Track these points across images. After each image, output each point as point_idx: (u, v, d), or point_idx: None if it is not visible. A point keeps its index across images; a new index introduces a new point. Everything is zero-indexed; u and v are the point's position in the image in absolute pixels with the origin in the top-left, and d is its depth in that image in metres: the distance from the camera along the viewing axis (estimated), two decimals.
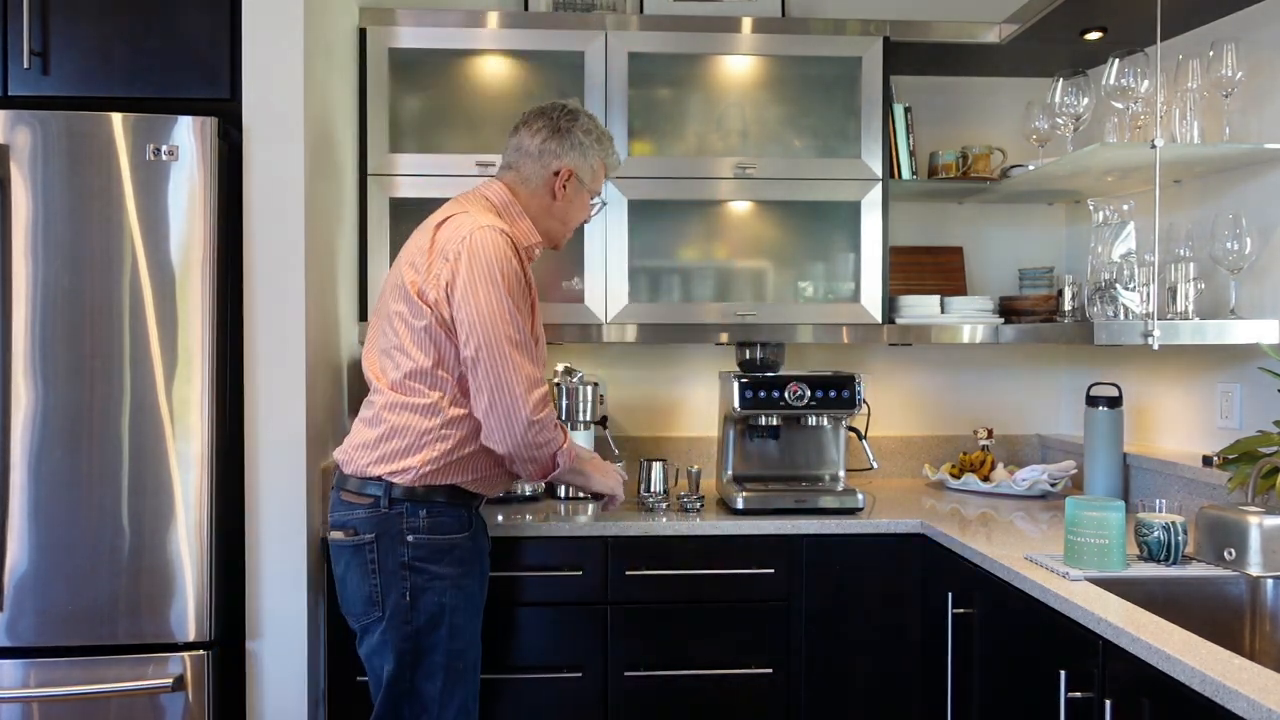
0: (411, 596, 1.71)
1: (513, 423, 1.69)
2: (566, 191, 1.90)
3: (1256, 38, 2.16)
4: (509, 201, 1.88)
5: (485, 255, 1.70)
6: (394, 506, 1.72)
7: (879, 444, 2.86)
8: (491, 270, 1.69)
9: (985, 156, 2.69)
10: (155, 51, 2.02)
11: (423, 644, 1.72)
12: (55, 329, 1.90)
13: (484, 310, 1.68)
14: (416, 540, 1.72)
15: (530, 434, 1.71)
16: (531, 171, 1.89)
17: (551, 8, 2.75)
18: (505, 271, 1.70)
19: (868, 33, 2.53)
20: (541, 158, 1.88)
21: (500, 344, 1.69)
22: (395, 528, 1.72)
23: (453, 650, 1.74)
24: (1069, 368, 2.95)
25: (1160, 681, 1.34)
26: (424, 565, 1.72)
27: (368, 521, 1.73)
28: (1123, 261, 2.15)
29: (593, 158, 1.92)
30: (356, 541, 1.74)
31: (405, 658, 1.71)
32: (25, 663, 1.90)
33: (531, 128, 1.90)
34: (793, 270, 2.77)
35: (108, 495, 1.92)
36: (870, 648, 2.24)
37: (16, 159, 1.89)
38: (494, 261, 1.70)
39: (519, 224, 1.87)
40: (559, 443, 1.77)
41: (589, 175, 1.93)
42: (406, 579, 1.71)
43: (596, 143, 1.92)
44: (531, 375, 1.71)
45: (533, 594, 2.17)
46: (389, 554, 1.72)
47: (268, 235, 2.02)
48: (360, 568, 1.73)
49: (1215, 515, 1.80)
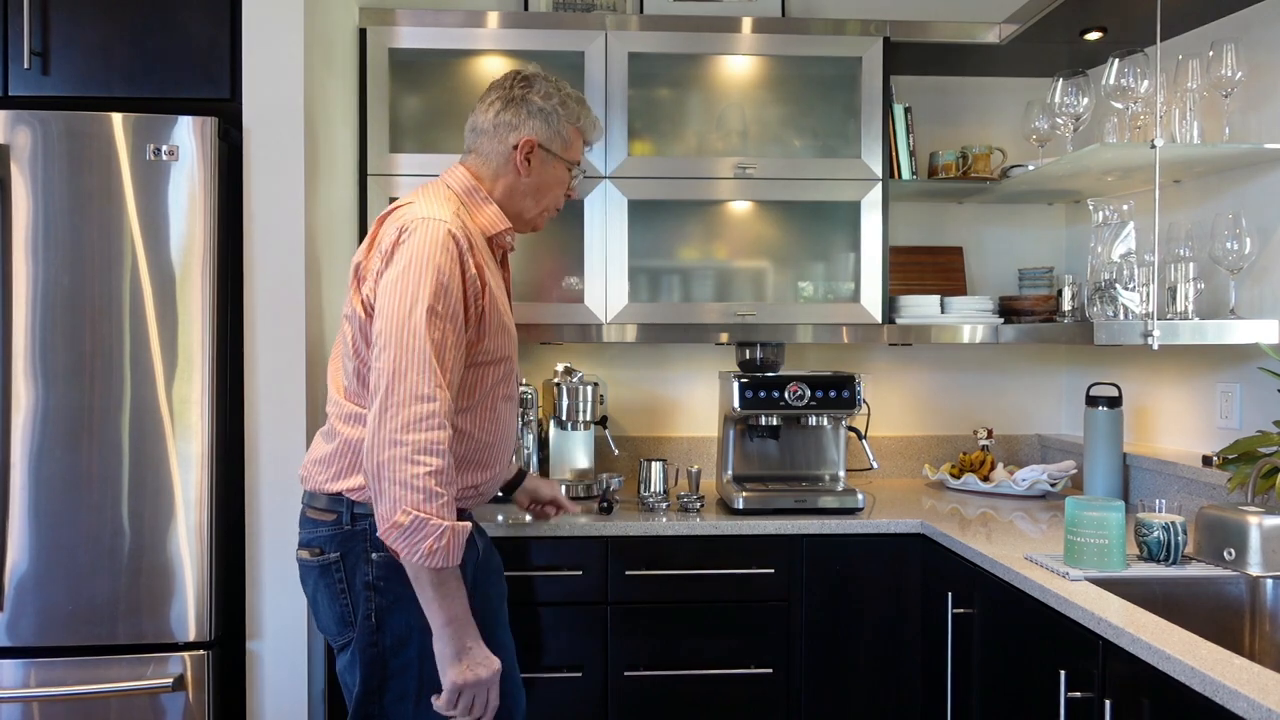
0: (377, 618, 1.57)
1: (384, 431, 1.43)
2: (531, 165, 1.69)
3: (1256, 38, 2.16)
4: (472, 187, 1.69)
5: (412, 248, 1.50)
6: (357, 523, 1.58)
7: (879, 444, 2.86)
8: (412, 264, 1.49)
9: (985, 156, 2.69)
10: (155, 51, 2.02)
11: (391, 666, 1.58)
12: (55, 329, 1.90)
13: (392, 305, 1.47)
14: (380, 558, 1.56)
15: (398, 451, 1.42)
16: (490, 149, 1.70)
17: (551, 8, 2.75)
18: (429, 266, 1.49)
19: (868, 33, 2.53)
20: (497, 132, 1.69)
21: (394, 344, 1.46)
22: (359, 545, 1.58)
23: (425, 674, 1.56)
24: (1069, 368, 2.95)
25: (1160, 681, 1.34)
26: (388, 585, 1.56)
27: (332, 540, 1.60)
28: (1123, 261, 2.15)
29: (559, 124, 1.71)
30: (323, 561, 1.60)
31: (373, 681, 1.58)
32: (25, 663, 1.90)
33: (485, 101, 1.72)
34: (792, 270, 2.77)
35: (108, 495, 1.92)
36: (870, 647, 2.24)
37: (16, 159, 1.89)
38: (419, 255, 1.49)
39: (483, 211, 1.68)
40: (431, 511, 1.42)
41: (559, 144, 1.72)
42: (372, 599, 1.57)
43: (560, 106, 1.71)
44: (423, 391, 1.44)
45: (533, 594, 2.18)
46: (355, 573, 1.58)
47: (268, 235, 2.02)
48: (329, 588, 1.60)
49: (1215, 515, 1.80)
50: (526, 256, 2.69)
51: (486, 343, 1.61)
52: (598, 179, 2.49)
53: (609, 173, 2.49)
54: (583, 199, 2.49)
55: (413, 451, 1.42)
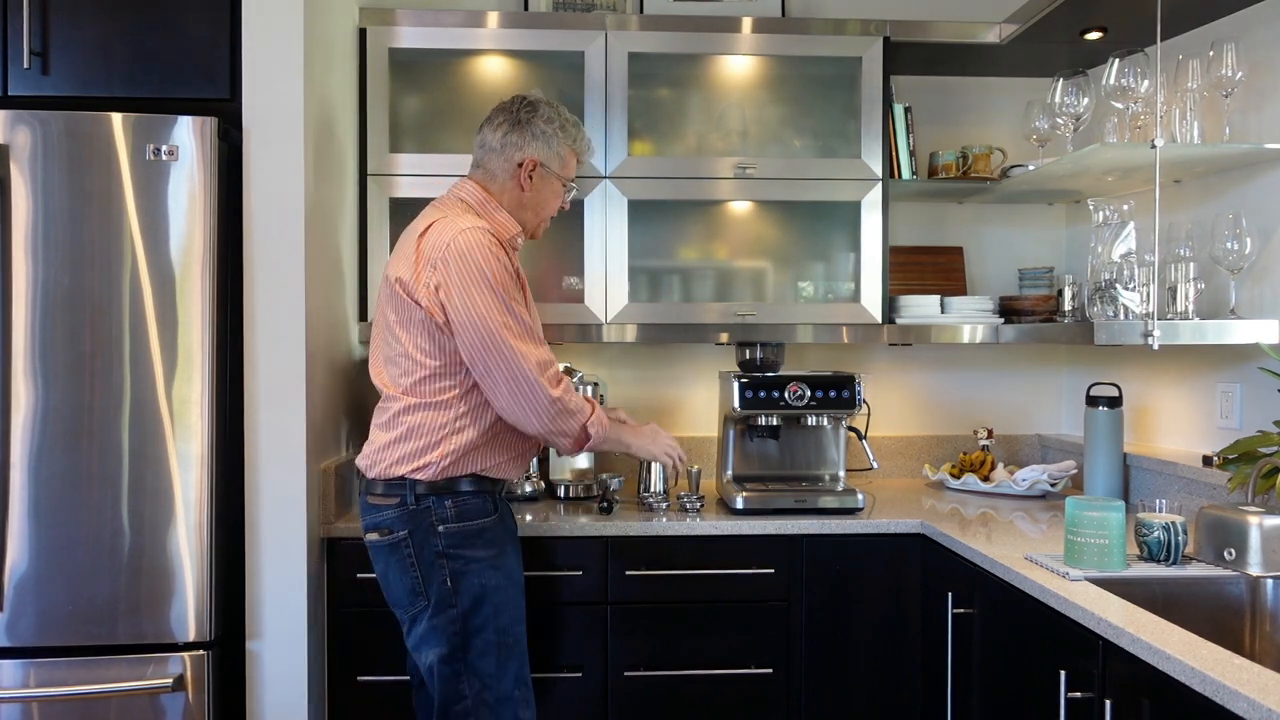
0: (453, 582, 1.78)
1: (537, 408, 1.77)
2: (533, 181, 1.93)
3: (1256, 38, 2.16)
4: (483, 199, 1.91)
5: (472, 256, 1.75)
6: (420, 502, 1.79)
7: (879, 444, 2.86)
8: (481, 269, 1.75)
9: (985, 156, 2.69)
10: (155, 51, 2.02)
11: (471, 624, 1.79)
12: (55, 329, 1.90)
13: (479, 310, 1.74)
14: (447, 529, 1.79)
15: (555, 411, 1.79)
16: (497, 166, 1.93)
17: (551, 8, 2.75)
18: (494, 268, 1.76)
19: (868, 33, 2.53)
20: (504, 151, 1.92)
21: (500, 339, 1.75)
22: (425, 521, 1.79)
23: (500, 626, 1.81)
24: (1069, 368, 2.95)
25: (1160, 681, 1.34)
26: (458, 551, 1.79)
27: (399, 519, 1.80)
28: (1123, 261, 2.15)
29: (558, 145, 1.94)
30: (392, 540, 1.80)
31: (456, 639, 1.78)
32: (25, 663, 1.90)
33: (493, 123, 1.94)
34: (792, 270, 2.77)
35: (108, 495, 1.92)
36: (870, 648, 2.24)
37: (16, 159, 1.89)
38: (481, 261, 1.75)
39: (497, 218, 1.91)
40: (586, 413, 1.85)
41: (557, 163, 1.95)
42: (445, 566, 1.78)
43: (560, 130, 1.94)
44: (540, 359, 1.79)
45: (533, 594, 2.17)
46: (424, 546, 1.79)
47: (268, 235, 2.02)
48: (400, 563, 1.80)
49: (1215, 515, 1.80)
50: (527, 256, 2.68)
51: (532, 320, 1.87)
52: (598, 179, 2.49)
53: (609, 173, 2.49)
54: (583, 199, 2.49)
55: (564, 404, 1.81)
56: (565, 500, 2.47)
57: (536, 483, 2.48)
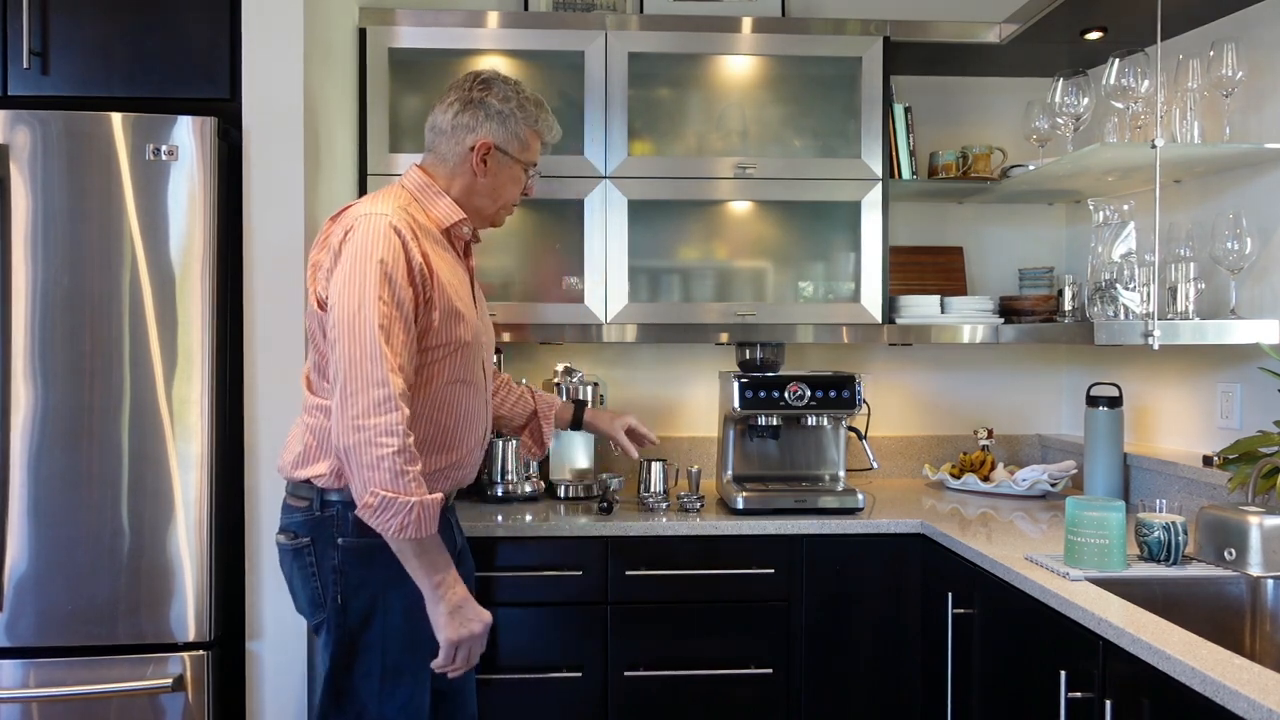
0: (343, 599, 1.65)
1: (347, 418, 1.50)
2: (488, 167, 1.73)
3: (1256, 38, 2.16)
4: (424, 184, 1.73)
5: (356, 244, 1.56)
6: (325, 510, 1.65)
7: (879, 444, 2.86)
8: (357, 259, 1.55)
9: (985, 156, 2.69)
10: (155, 51, 2.02)
11: (357, 644, 1.65)
12: (55, 329, 1.90)
13: (343, 299, 1.53)
14: (345, 544, 1.64)
15: (362, 435, 1.48)
16: (448, 150, 1.73)
17: (551, 8, 2.75)
18: (373, 259, 1.55)
19: (868, 33, 2.53)
20: (455, 134, 1.72)
21: (347, 336, 1.52)
22: (327, 530, 1.65)
23: (389, 650, 1.66)
24: (1069, 368, 2.95)
25: (1160, 682, 1.34)
26: (352, 569, 1.64)
27: (305, 525, 1.67)
28: (1123, 261, 2.15)
29: (516, 126, 1.73)
30: (296, 545, 1.67)
31: (340, 659, 1.66)
32: (25, 663, 1.90)
33: (445, 102, 1.75)
34: (793, 270, 2.77)
35: (108, 495, 1.91)
36: (870, 648, 2.24)
37: (16, 159, 1.89)
38: (363, 250, 1.55)
39: (436, 205, 1.72)
40: (398, 470, 1.49)
41: (516, 146, 1.75)
42: (338, 582, 1.65)
43: (519, 109, 1.73)
44: (374, 373, 1.50)
45: (533, 594, 2.17)
46: (324, 556, 1.65)
47: (267, 235, 2.02)
48: (302, 570, 1.68)
49: (1215, 515, 1.80)
50: (527, 256, 2.69)
51: (439, 330, 1.65)
52: (598, 179, 2.48)
53: (609, 173, 2.49)
54: (583, 199, 2.49)
55: (374, 434, 1.49)
56: (565, 500, 2.47)
57: (536, 483, 2.48)
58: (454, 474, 1.75)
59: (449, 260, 1.72)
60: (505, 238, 2.62)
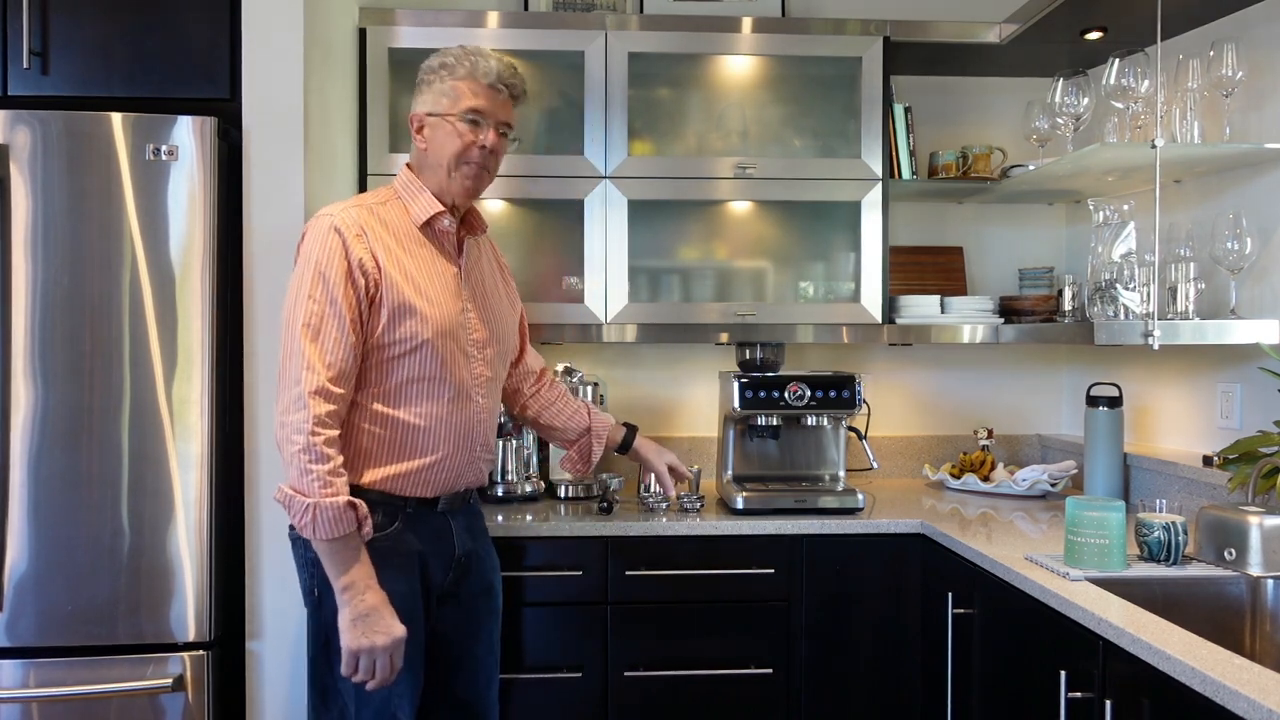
0: (318, 592, 1.67)
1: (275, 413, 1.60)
2: (425, 136, 1.75)
3: (1256, 38, 2.16)
4: (407, 182, 1.77)
5: (306, 245, 1.66)
6: None
7: (879, 444, 2.86)
8: (306, 259, 1.64)
9: (985, 156, 2.69)
10: (155, 51, 2.02)
11: (330, 639, 1.64)
12: (55, 329, 1.90)
13: (289, 297, 1.64)
14: None
15: (279, 433, 1.57)
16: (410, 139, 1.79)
17: (551, 8, 2.75)
18: (308, 259, 1.62)
19: (868, 33, 2.53)
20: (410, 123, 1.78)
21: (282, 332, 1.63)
22: None
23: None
24: (1069, 368, 2.95)
25: (1160, 682, 1.34)
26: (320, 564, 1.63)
27: None
28: (1123, 261, 2.15)
29: (440, 84, 1.72)
30: (293, 535, 1.70)
31: (319, 650, 1.69)
32: (25, 663, 1.90)
33: None
34: (793, 270, 2.77)
35: (108, 495, 1.91)
36: (870, 648, 2.24)
37: (16, 159, 1.89)
38: (303, 251, 1.66)
39: (417, 200, 1.74)
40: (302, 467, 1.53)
41: (446, 104, 1.72)
42: (314, 576, 1.66)
43: (441, 68, 1.72)
44: (293, 370, 1.57)
45: (533, 594, 2.17)
46: (306, 548, 1.67)
47: (267, 235, 2.02)
48: (298, 560, 1.73)
49: (1215, 515, 1.80)
50: (526, 256, 2.69)
51: (388, 328, 1.66)
52: (598, 179, 2.48)
53: (609, 173, 2.49)
54: (583, 199, 2.49)
55: (289, 431, 1.56)
56: (565, 500, 2.47)
57: (536, 483, 2.48)
58: (435, 478, 1.73)
59: (424, 257, 1.73)
60: (505, 237, 2.62)
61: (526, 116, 2.67)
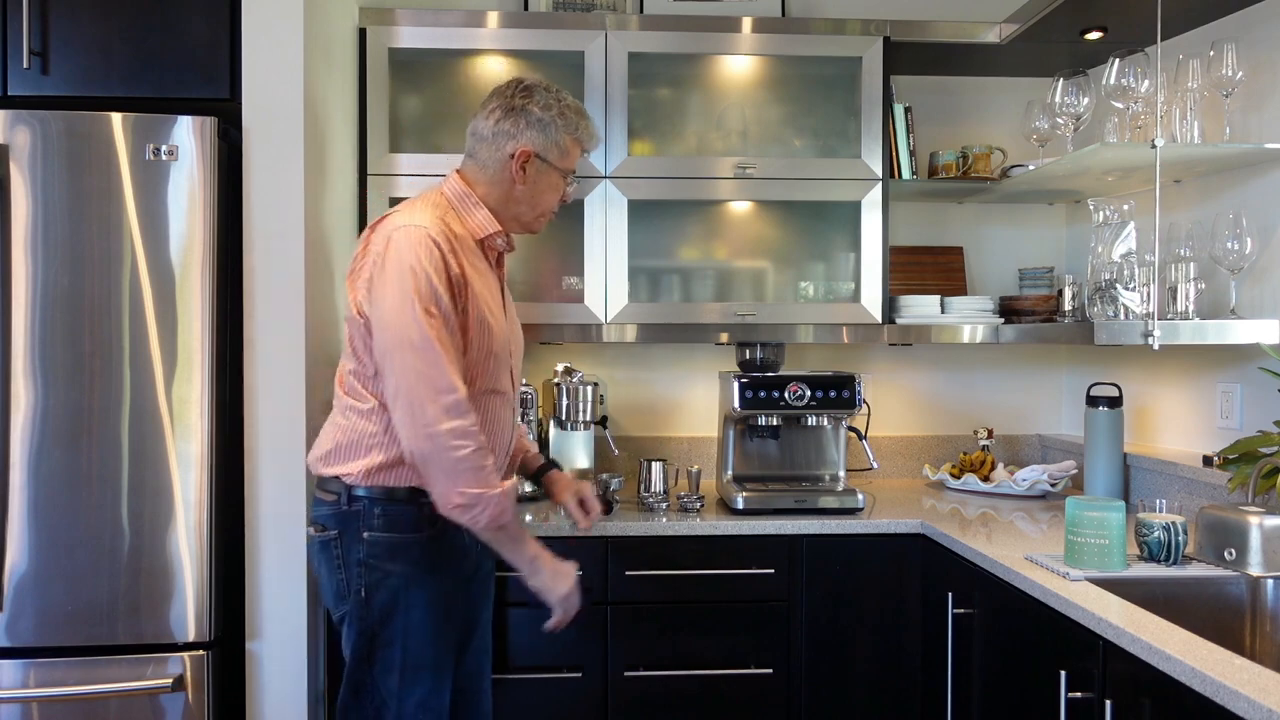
0: (367, 592, 1.69)
1: (417, 427, 1.59)
2: (527, 174, 1.76)
3: (1256, 38, 2.16)
4: (463, 194, 1.76)
5: (398, 255, 1.61)
6: (353, 504, 1.70)
7: (879, 444, 2.86)
8: (401, 271, 1.60)
9: (985, 156, 2.69)
10: (155, 51, 2.02)
11: (378, 638, 1.69)
12: (55, 329, 1.90)
13: (390, 311, 1.60)
14: (371, 538, 1.69)
15: (437, 447, 1.59)
16: (488, 157, 1.76)
17: (551, 8, 2.75)
18: (416, 271, 1.60)
19: (868, 33, 2.53)
20: (495, 140, 1.75)
21: (403, 347, 1.60)
22: (354, 525, 1.70)
23: (409, 647, 1.70)
24: (1069, 368, 2.95)
25: (1161, 681, 1.34)
26: (377, 563, 1.69)
27: (333, 518, 1.72)
28: (1123, 261, 2.15)
29: (556, 134, 1.76)
30: (325, 537, 1.72)
31: (362, 651, 1.71)
32: (25, 663, 1.90)
33: (486, 109, 1.77)
34: (793, 270, 2.77)
35: (108, 495, 1.91)
36: (870, 647, 2.24)
37: (16, 159, 1.89)
38: (405, 262, 1.60)
39: (473, 215, 1.76)
40: (491, 485, 1.62)
41: (555, 154, 1.77)
42: (363, 575, 1.69)
43: (559, 117, 1.76)
44: (438, 381, 1.59)
45: (533, 594, 2.17)
46: (350, 549, 1.70)
47: (268, 235, 2.02)
48: (329, 562, 1.73)
49: (1215, 515, 1.80)
50: (526, 256, 2.69)
51: (474, 341, 1.71)
52: (598, 179, 2.48)
53: (609, 173, 2.49)
54: (583, 199, 2.48)
55: (449, 439, 1.59)
56: None
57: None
58: None
59: (481, 270, 1.76)
60: None
61: None
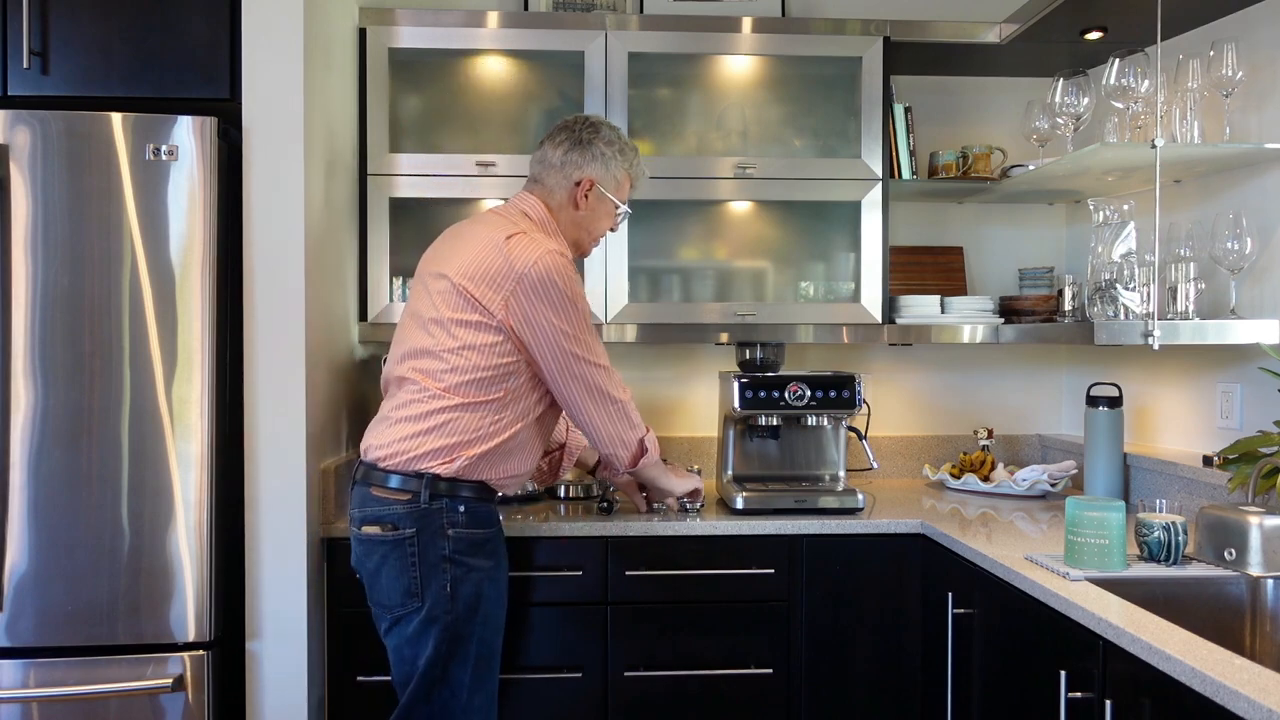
0: (452, 588, 1.79)
1: (609, 432, 1.95)
2: (589, 201, 1.98)
3: (1256, 38, 2.16)
4: (546, 218, 1.97)
5: (554, 281, 1.81)
6: (434, 501, 1.79)
7: (879, 444, 2.86)
8: (564, 294, 1.82)
9: (985, 156, 2.69)
10: (155, 51, 2.02)
11: (461, 633, 1.80)
12: (55, 329, 1.90)
13: (560, 334, 1.83)
14: (458, 534, 1.80)
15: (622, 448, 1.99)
16: (555, 183, 1.97)
17: (551, 7, 2.75)
18: (575, 293, 1.85)
19: (868, 33, 2.53)
20: (564, 169, 1.96)
21: (581, 361, 1.86)
22: (436, 522, 1.79)
23: (483, 638, 1.83)
24: (1069, 368, 2.95)
25: (1161, 682, 1.34)
26: (463, 558, 1.80)
27: (408, 516, 1.79)
28: (1123, 261, 2.15)
29: (615, 168, 2.00)
30: (396, 536, 1.79)
31: (443, 646, 1.79)
32: (25, 663, 1.90)
33: (555, 140, 1.99)
34: (793, 270, 2.77)
35: (108, 495, 1.91)
36: (870, 648, 2.24)
37: (16, 159, 1.89)
38: (564, 286, 1.83)
39: (558, 239, 1.96)
40: (643, 429, 2.02)
41: (612, 185, 2.01)
42: (448, 571, 1.79)
43: (619, 154, 2.00)
44: (613, 380, 1.94)
45: (533, 594, 2.17)
46: (430, 547, 1.79)
47: (268, 235, 2.02)
48: (399, 561, 1.79)
49: (1215, 515, 1.80)
50: None
51: None
52: None
53: None
54: None
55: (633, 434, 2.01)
56: (565, 500, 2.46)
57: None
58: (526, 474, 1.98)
59: None
60: None
61: (527, 116, 2.68)
